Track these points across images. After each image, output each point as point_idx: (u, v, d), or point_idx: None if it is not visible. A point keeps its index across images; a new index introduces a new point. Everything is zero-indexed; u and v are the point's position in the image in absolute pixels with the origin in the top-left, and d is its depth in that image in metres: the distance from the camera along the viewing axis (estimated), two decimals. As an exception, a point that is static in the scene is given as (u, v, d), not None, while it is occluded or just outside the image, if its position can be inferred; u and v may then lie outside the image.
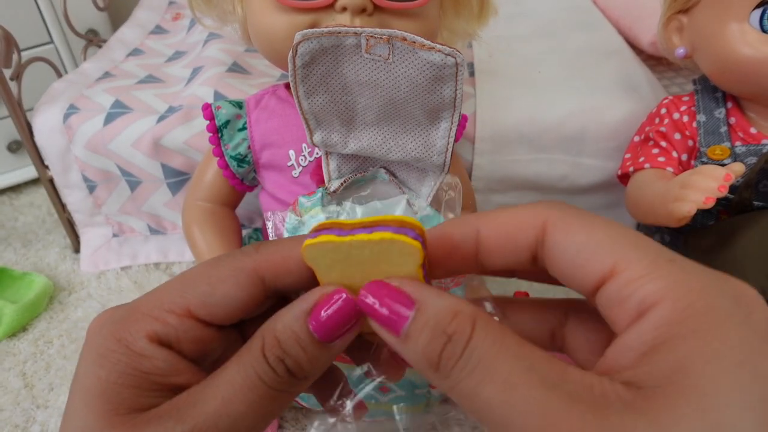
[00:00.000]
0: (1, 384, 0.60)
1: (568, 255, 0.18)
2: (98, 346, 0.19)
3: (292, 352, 0.19)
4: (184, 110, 0.65)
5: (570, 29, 0.83)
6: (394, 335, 0.18)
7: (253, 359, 0.19)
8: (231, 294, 0.20)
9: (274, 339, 0.19)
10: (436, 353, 0.17)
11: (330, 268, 0.20)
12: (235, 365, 0.19)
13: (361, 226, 0.20)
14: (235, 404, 0.18)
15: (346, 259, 0.20)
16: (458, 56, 0.34)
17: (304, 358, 0.19)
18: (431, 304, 0.18)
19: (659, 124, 0.56)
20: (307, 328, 0.19)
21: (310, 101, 0.38)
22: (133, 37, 0.90)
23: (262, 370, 0.19)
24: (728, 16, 0.48)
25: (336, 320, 0.19)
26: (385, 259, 0.19)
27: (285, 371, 0.19)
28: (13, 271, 0.72)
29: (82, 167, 0.69)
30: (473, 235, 0.20)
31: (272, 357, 0.19)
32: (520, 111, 0.66)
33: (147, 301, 0.20)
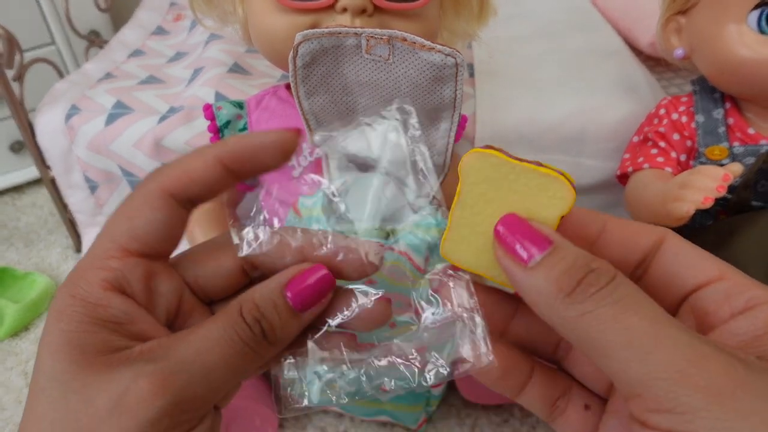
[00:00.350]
0: (4, 383, 0.61)
1: (681, 258, 0.21)
2: (56, 307, 0.20)
3: (268, 316, 0.21)
4: (185, 111, 0.66)
5: (569, 30, 0.83)
6: (521, 264, 0.19)
7: (231, 318, 0.21)
8: (149, 217, 0.21)
9: (253, 303, 0.21)
10: (574, 280, 0.18)
11: (476, 184, 0.21)
12: (212, 323, 0.21)
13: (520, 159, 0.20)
14: (209, 355, 0.20)
15: (499, 180, 0.20)
16: (458, 57, 0.34)
17: (278, 322, 0.21)
18: (570, 247, 0.19)
19: (658, 124, 0.56)
20: (284, 297, 0.21)
21: (311, 101, 0.38)
22: (135, 38, 0.90)
23: (240, 328, 0.20)
24: (726, 18, 0.49)
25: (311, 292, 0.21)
26: (537, 195, 0.20)
27: (260, 331, 0.21)
28: (15, 270, 0.72)
29: (84, 168, 0.69)
30: (601, 223, 0.22)
31: (250, 317, 0.21)
32: (519, 111, 0.66)
33: (87, 258, 0.21)
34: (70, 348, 0.19)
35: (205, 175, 0.21)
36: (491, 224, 0.21)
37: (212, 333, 0.20)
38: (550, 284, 0.19)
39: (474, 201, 0.21)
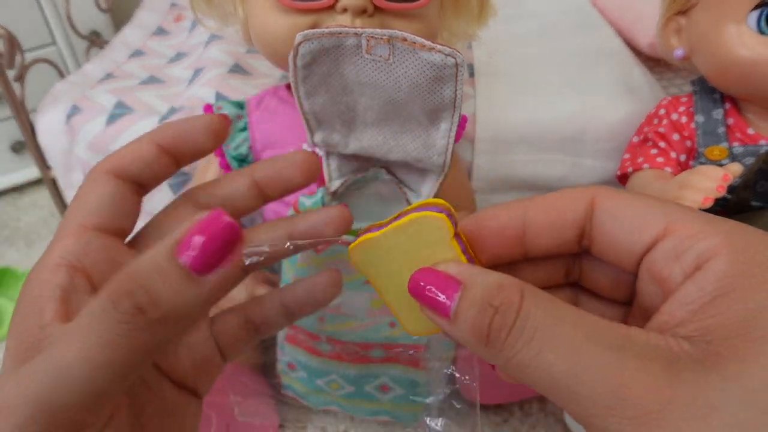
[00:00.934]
0: (4, 383, 0.61)
1: (619, 221, 0.18)
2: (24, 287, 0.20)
3: (146, 285, 0.16)
4: (185, 111, 0.66)
5: (569, 30, 0.83)
6: (445, 319, 0.18)
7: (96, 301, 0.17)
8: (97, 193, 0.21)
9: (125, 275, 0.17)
10: (484, 326, 0.17)
11: (378, 271, 0.21)
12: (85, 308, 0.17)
13: (392, 219, 0.21)
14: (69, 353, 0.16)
15: (387, 253, 0.21)
16: (458, 57, 0.34)
17: (163, 290, 0.17)
18: (477, 282, 0.17)
19: (658, 124, 0.57)
20: (172, 257, 0.17)
21: (311, 101, 0.38)
22: (135, 38, 0.90)
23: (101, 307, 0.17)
24: (726, 18, 0.49)
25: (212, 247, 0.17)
26: (420, 240, 0.20)
27: (131, 308, 0.16)
28: (16, 270, 0.73)
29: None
30: (521, 215, 0.20)
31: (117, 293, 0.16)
32: (519, 111, 0.66)
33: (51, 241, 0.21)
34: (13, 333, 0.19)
35: (142, 155, 0.22)
36: None
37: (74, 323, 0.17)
38: (469, 335, 0.17)
39: (387, 282, 0.21)
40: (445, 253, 0.20)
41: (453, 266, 0.18)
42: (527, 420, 0.56)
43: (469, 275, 0.18)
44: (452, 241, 0.20)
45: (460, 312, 0.17)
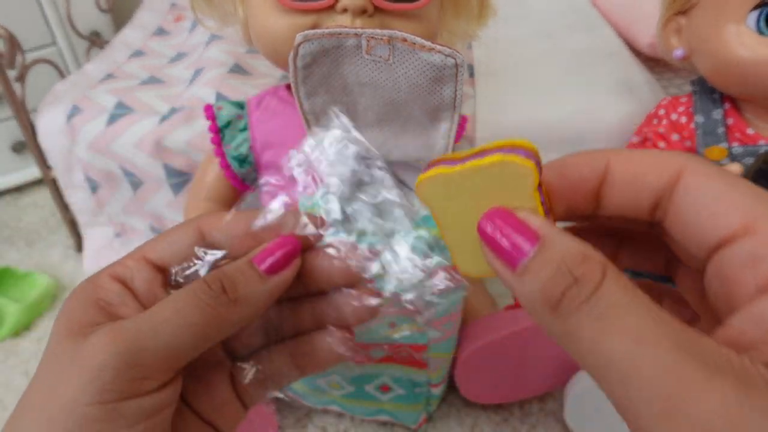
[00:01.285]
0: (5, 382, 0.61)
1: (702, 201, 0.17)
2: (75, 289, 0.23)
3: (230, 275, 0.22)
4: (185, 111, 0.66)
5: (569, 31, 0.83)
6: (510, 269, 0.17)
7: (192, 284, 0.22)
8: (175, 238, 0.24)
9: (218, 270, 0.23)
10: (558, 291, 0.16)
11: (445, 207, 0.20)
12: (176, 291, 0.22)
13: (472, 154, 0.19)
14: (160, 311, 0.21)
15: (459, 191, 0.19)
16: (458, 57, 0.34)
17: (241, 280, 0.22)
18: (558, 243, 0.16)
19: (657, 125, 0.57)
20: (251, 261, 0.23)
21: (311, 101, 0.39)
22: (136, 38, 0.90)
23: (197, 286, 0.22)
24: (726, 18, 0.49)
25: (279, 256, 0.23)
26: (499, 185, 0.18)
27: (219, 287, 0.22)
28: (16, 270, 0.73)
29: (85, 168, 0.69)
30: (602, 166, 0.19)
31: (210, 278, 0.22)
32: (519, 112, 0.66)
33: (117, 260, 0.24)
34: (66, 322, 0.22)
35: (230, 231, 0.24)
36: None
37: (171, 296, 0.22)
38: (537, 295, 0.16)
39: (452, 219, 0.20)
40: (523, 202, 0.18)
41: (534, 219, 0.17)
42: (527, 420, 0.56)
43: (551, 234, 0.17)
44: (534, 192, 0.18)
45: (533, 269, 0.16)
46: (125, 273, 0.23)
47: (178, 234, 0.24)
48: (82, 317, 0.21)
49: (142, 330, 0.20)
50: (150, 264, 0.24)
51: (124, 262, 0.24)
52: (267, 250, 0.23)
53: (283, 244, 0.24)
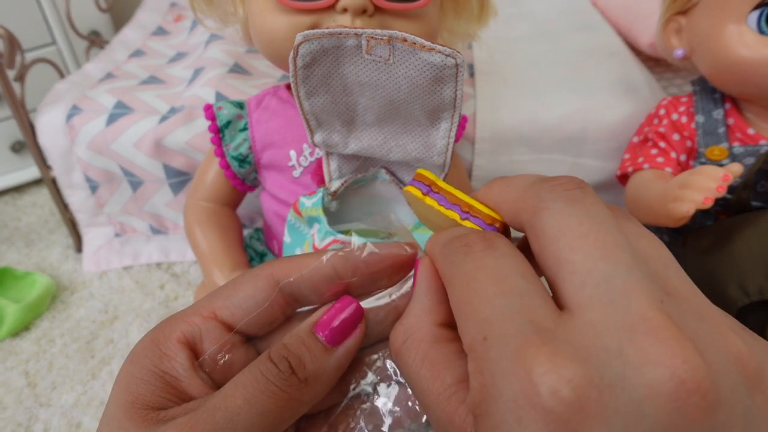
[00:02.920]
0: (4, 383, 0.61)
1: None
2: (137, 348, 0.21)
3: (296, 352, 0.20)
4: (185, 111, 0.66)
5: (569, 30, 0.83)
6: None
7: (258, 362, 0.20)
8: (249, 294, 0.22)
9: (281, 344, 0.21)
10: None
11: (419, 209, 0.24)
12: (243, 370, 0.20)
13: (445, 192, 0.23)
14: (233, 398, 0.19)
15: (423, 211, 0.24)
16: (458, 57, 0.34)
17: (307, 356, 0.21)
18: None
19: (658, 124, 0.57)
20: (313, 332, 0.21)
21: (311, 102, 0.38)
22: (135, 38, 0.90)
23: (265, 367, 0.20)
24: (726, 18, 0.49)
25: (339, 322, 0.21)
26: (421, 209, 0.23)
27: (287, 368, 0.20)
28: (16, 270, 0.72)
29: (85, 167, 0.69)
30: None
31: (276, 356, 0.20)
32: (519, 111, 0.66)
33: (182, 311, 0.22)
34: (127, 394, 0.20)
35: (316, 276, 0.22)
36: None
37: (239, 378, 0.20)
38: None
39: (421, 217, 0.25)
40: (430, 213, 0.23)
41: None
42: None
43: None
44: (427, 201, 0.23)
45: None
46: (194, 334, 0.22)
47: (250, 287, 0.22)
48: (148, 394, 0.20)
49: (219, 424, 0.19)
50: (221, 323, 0.22)
51: (191, 320, 0.22)
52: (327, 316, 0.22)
53: (343, 307, 0.22)
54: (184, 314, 0.22)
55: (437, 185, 0.23)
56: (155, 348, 0.21)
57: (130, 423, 0.19)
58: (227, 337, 0.22)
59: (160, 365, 0.21)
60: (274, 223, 0.54)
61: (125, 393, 0.20)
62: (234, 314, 0.22)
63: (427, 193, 0.23)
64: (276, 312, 0.22)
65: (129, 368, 0.21)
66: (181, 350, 0.21)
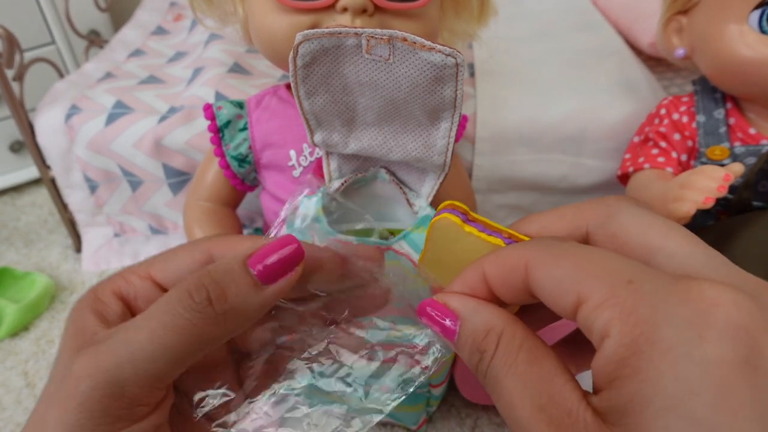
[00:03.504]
0: (4, 383, 0.61)
1: (547, 292, 0.19)
2: (78, 301, 0.22)
3: (219, 281, 0.20)
4: (185, 110, 0.66)
5: (570, 30, 0.83)
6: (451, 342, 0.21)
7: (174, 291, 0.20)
8: (184, 261, 0.23)
9: (204, 271, 0.20)
10: (474, 364, 0.20)
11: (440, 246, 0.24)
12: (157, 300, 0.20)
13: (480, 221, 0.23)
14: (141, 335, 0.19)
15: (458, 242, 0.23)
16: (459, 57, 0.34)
17: (232, 289, 0.20)
18: (470, 320, 0.20)
19: (659, 124, 0.56)
20: (245, 263, 0.20)
21: (311, 101, 0.38)
22: (135, 37, 0.90)
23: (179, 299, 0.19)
24: (727, 17, 0.49)
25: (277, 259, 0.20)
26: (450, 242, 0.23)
27: (205, 298, 0.19)
28: (15, 270, 0.72)
29: (84, 167, 0.69)
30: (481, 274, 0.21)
31: (195, 285, 0.20)
32: (520, 111, 0.66)
33: (121, 270, 0.23)
34: (70, 330, 0.21)
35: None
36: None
37: (150, 310, 0.20)
38: (467, 362, 0.20)
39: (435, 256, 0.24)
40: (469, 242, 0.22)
41: (453, 300, 0.21)
42: (527, 420, 0.56)
43: (465, 312, 0.20)
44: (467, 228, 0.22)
45: (460, 345, 0.20)
46: (128, 290, 0.22)
47: (186, 256, 0.23)
48: (86, 327, 0.21)
49: (120, 359, 0.19)
50: (155, 284, 0.22)
51: (128, 278, 0.22)
52: (265, 250, 0.20)
53: (283, 244, 0.21)
54: (123, 272, 0.23)
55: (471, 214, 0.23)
56: (92, 295, 0.22)
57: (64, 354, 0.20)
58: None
59: (96, 308, 0.22)
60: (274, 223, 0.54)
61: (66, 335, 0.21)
62: (168, 278, 0.22)
63: (465, 221, 0.23)
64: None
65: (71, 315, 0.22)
66: (114, 300, 0.22)
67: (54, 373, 0.20)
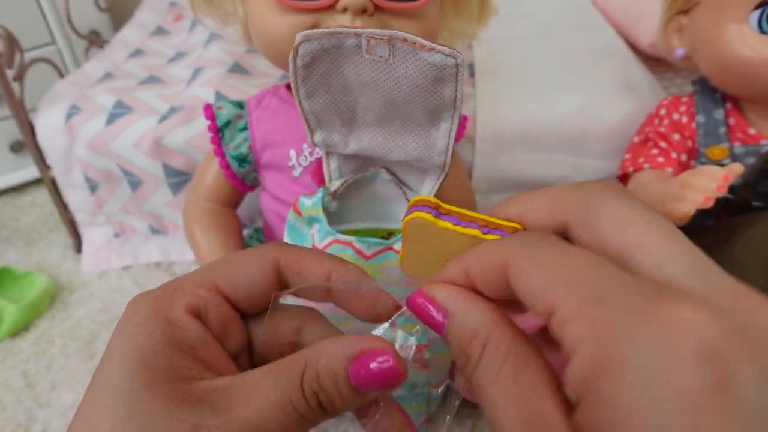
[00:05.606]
0: (4, 383, 0.61)
1: (523, 295, 0.18)
2: (137, 319, 0.20)
3: (328, 390, 0.20)
4: (185, 110, 0.66)
5: (570, 30, 0.83)
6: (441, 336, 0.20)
7: (290, 385, 0.20)
8: (251, 276, 0.22)
9: (314, 373, 0.20)
10: (461, 366, 0.20)
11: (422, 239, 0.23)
12: (272, 382, 0.20)
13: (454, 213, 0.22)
14: (265, 419, 0.19)
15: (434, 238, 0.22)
16: (459, 57, 0.34)
17: (337, 398, 0.20)
18: (456, 320, 0.20)
19: (659, 124, 0.56)
20: (347, 374, 0.20)
21: (311, 101, 0.38)
22: (135, 37, 0.90)
23: (296, 398, 0.20)
24: (727, 18, 0.49)
25: (378, 378, 0.20)
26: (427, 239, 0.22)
27: (317, 404, 0.20)
28: (15, 270, 0.72)
29: (84, 167, 0.69)
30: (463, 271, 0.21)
31: (309, 389, 0.20)
32: (520, 111, 0.66)
33: (179, 281, 0.22)
34: (142, 367, 0.19)
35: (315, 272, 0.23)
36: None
37: (270, 395, 0.20)
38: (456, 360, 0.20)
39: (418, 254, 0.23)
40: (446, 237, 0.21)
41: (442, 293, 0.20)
42: (527, 420, 0.56)
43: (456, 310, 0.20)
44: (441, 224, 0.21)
45: (447, 339, 0.20)
46: (200, 305, 0.21)
47: (253, 269, 0.22)
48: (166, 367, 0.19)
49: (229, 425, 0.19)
50: (224, 298, 0.22)
51: (196, 292, 0.22)
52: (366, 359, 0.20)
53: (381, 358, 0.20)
54: (184, 283, 0.22)
55: (443, 207, 0.22)
56: (162, 319, 0.20)
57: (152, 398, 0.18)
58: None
59: (173, 336, 0.20)
60: (274, 223, 0.54)
61: (140, 364, 0.19)
62: (236, 292, 0.22)
63: (437, 216, 0.22)
64: (269, 292, 0.23)
65: (135, 340, 0.20)
66: (192, 320, 0.21)
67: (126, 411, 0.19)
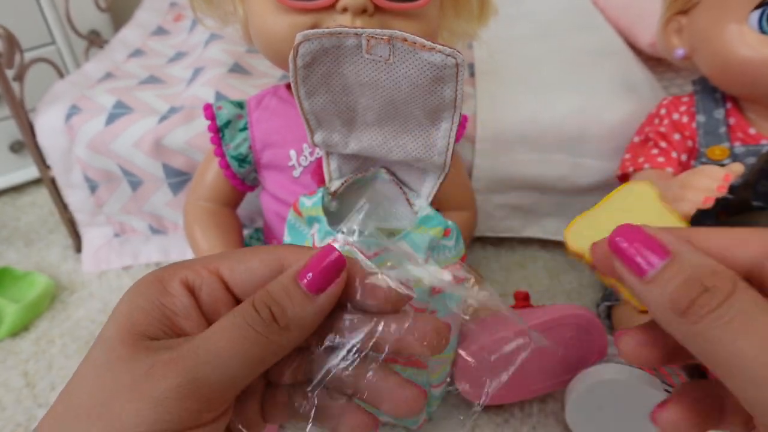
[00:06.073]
0: (4, 383, 0.61)
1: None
2: (142, 282, 0.23)
3: (278, 299, 0.22)
4: (185, 110, 0.66)
5: (570, 30, 0.83)
6: (637, 277, 0.19)
7: (242, 308, 0.22)
8: (254, 267, 0.24)
9: (264, 291, 0.22)
10: (687, 299, 0.18)
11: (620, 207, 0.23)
12: (227, 314, 0.22)
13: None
14: (218, 341, 0.21)
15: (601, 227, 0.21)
16: (459, 57, 0.34)
17: (289, 305, 0.22)
18: (688, 258, 0.19)
19: (659, 124, 0.56)
20: (295, 279, 0.22)
21: (311, 101, 0.38)
22: (135, 37, 0.90)
23: (248, 313, 0.21)
24: (727, 18, 0.49)
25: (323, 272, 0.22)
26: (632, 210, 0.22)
27: (269, 315, 0.21)
28: (15, 270, 0.72)
29: (84, 167, 0.69)
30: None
31: (259, 304, 0.22)
32: (520, 111, 0.66)
33: (188, 261, 0.24)
34: (127, 321, 0.21)
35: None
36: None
37: (223, 322, 0.22)
38: (666, 300, 0.18)
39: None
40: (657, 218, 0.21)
41: (665, 235, 0.19)
42: (528, 421, 0.56)
43: (681, 250, 0.19)
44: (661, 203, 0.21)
45: (662, 278, 0.19)
46: (196, 281, 0.23)
47: (258, 262, 0.24)
48: (145, 324, 0.21)
49: (201, 360, 0.20)
50: (222, 282, 0.23)
51: (197, 270, 0.23)
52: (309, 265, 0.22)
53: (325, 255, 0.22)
54: (191, 263, 0.24)
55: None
56: (160, 285, 0.23)
57: (122, 346, 0.21)
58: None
59: (162, 299, 0.22)
60: (274, 223, 0.54)
61: (126, 319, 0.22)
62: (236, 279, 0.24)
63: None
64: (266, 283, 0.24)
65: (133, 298, 0.22)
66: (184, 291, 0.23)
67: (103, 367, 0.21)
